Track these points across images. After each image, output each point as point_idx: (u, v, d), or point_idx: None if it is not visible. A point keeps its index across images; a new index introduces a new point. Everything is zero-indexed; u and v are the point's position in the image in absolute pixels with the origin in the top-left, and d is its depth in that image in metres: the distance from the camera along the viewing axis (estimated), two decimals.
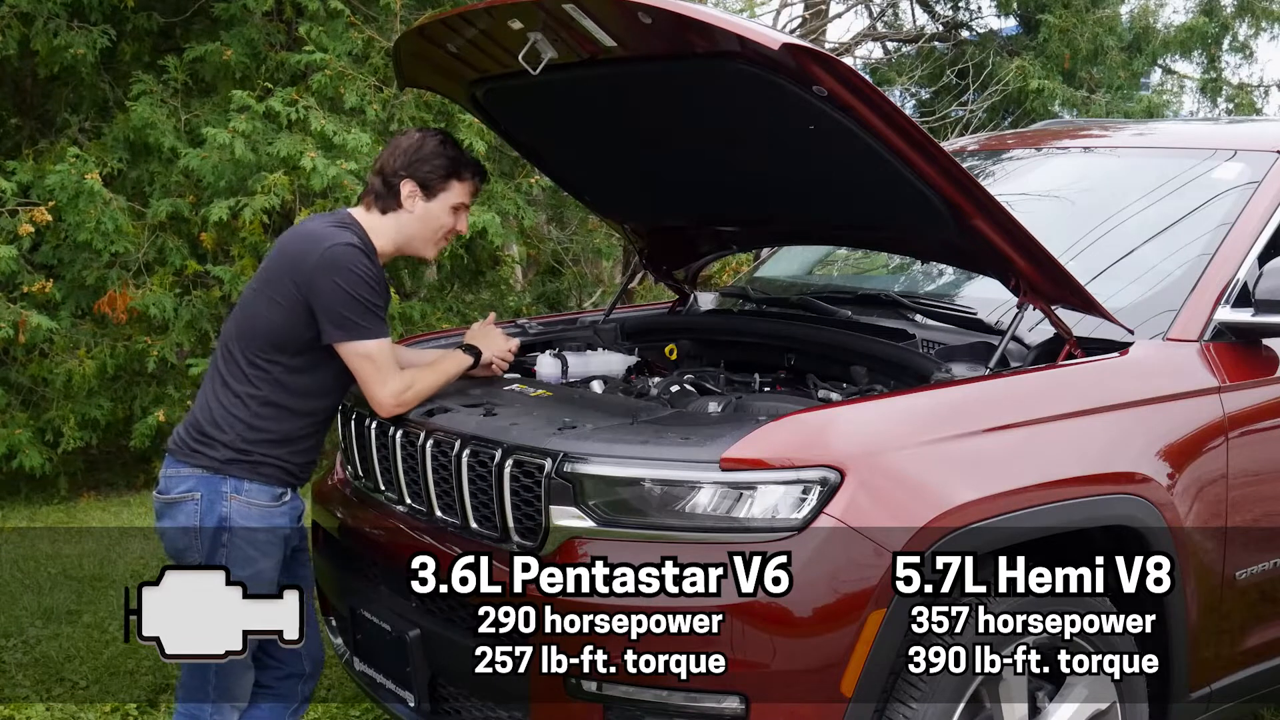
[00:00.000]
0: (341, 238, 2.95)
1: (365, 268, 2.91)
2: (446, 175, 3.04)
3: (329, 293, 2.87)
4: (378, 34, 7.10)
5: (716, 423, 2.78)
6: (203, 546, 2.94)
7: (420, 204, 3.03)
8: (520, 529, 2.71)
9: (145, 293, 6.53)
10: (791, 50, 2.56)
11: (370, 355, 2.91)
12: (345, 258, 2.90)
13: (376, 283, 2.93)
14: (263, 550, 2.95)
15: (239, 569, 2.89)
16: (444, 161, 3.03)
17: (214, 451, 2.93)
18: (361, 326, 2.88)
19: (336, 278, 2.87)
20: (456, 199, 3.07)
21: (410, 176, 3.01)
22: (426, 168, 3.01)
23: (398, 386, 2.95)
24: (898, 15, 13.16)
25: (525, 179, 7.80)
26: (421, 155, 3.01)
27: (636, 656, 2.47)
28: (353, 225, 3.02)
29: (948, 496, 2.56)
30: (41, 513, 6.62)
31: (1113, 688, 2.85)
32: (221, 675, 2.94)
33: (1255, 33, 12.15)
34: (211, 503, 2.93)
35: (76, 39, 6.72)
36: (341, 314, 2.87)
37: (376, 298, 2.92)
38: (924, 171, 2.80)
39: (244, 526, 2.93)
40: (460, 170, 3.05)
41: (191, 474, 2.96)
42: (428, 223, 3.05)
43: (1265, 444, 3.15)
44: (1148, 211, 3.57)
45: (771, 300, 4.05)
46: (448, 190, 3.05)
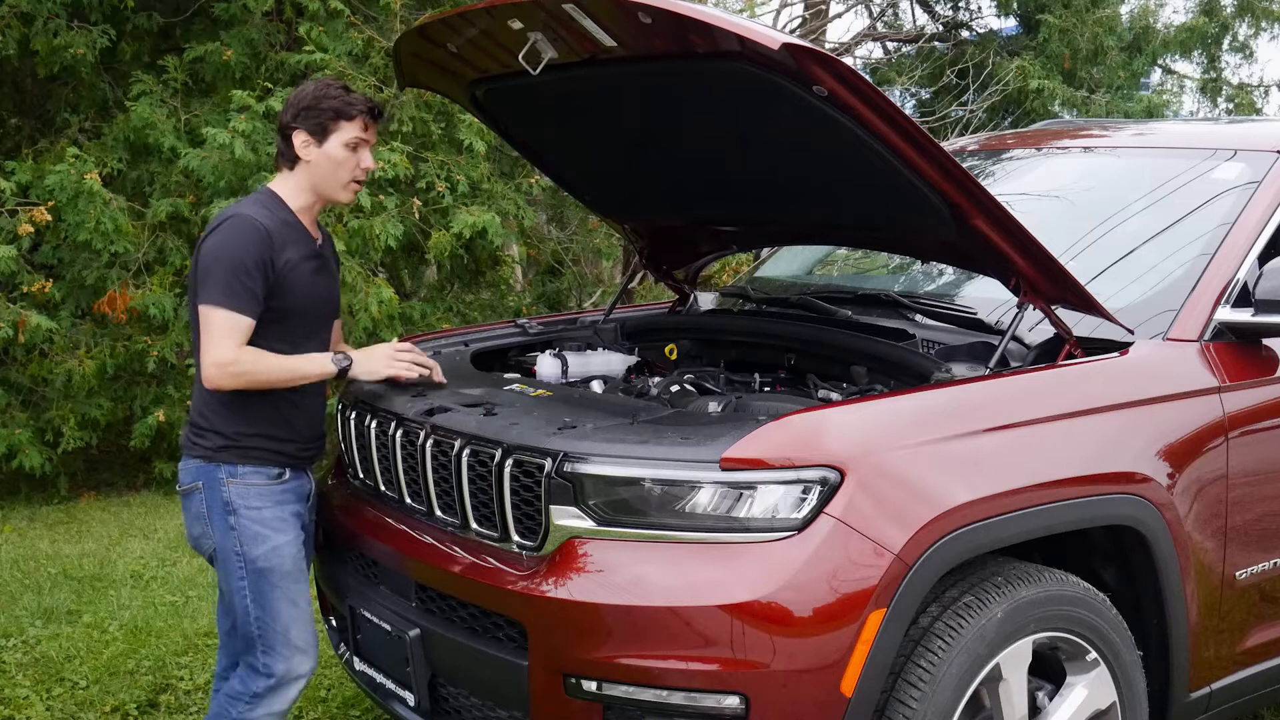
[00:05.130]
0: (233, 210, 3.02)
1: (243, 242, 2.91)
2: (334, 116, 3.03)
3: (204, 254, 2.94)
4: (378, 34, 7.10)
5: (716, 422, 2.78)
6: (214, 533, 3.02)
7: (315, 150, 3.05)
8: (520, 529, 2.71)
9: (145, 293, 6.52)
10: (792, 50, 2.56)
11: (207, 318, 2.91)
12: (229, 226, 2.95)
13: (252, 258, 2.90)
14: (274, 527, 3.01)
15: (253, 547, 2.99)
16: (328, 105, 3.03)
17: (205, 441, 3.02)
18: (211, 290, 2.89)
19: (208, 242, 2.95)
20: (348, 136, 3.05)
21: (299, 126, 3.04)
22: (311, 114, 3.03)
23: (223, 356, 2.89)
24: (898, 15, 13.17)
25: (525, 179, 7.80)
26: (304, 103, 3.04)
27: (637, 656, 2.48)
28: (261, 197, 3.07)
29: (948, 496, 2.56)
30: (41, 513, 6.62)
31: (1113, 688, 2.86)
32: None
33: (1255, 33, 12.16)
34: (212, 490, 3.01)
35: (76, 39, 6.72)
36: (202, 274, 2.92)
37: (243, 272, 2.89)
38: (924, 171, 2.80)
39: (248, 506, 2.99)
40: (345, 109, 3.04)
41: (192, 465, 3.05)
42: (329, 166, 3.05)
43: (1265, 444, 3.15)
44: (1148, 211, 3.57)
45: (771, 300, 4.05)
46: (337, 130, 3.04)
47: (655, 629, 2.47)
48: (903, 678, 2.57)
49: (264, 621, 3.00)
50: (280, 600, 3.01)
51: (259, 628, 3.01)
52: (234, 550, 2.99)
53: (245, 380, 2.93)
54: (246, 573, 2.99)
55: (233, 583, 3.02)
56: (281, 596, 3.01)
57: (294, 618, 3.03)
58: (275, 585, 3.00)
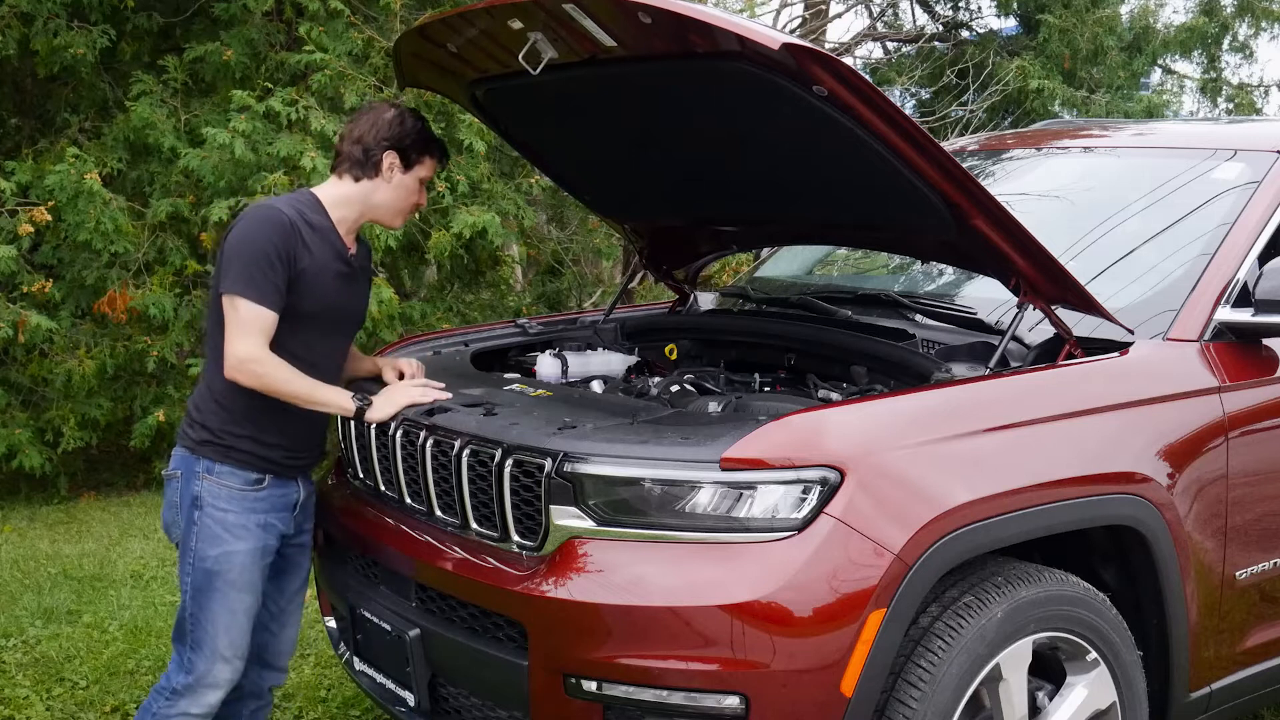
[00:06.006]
0: (264, 202, 3.05)
1: (268, 231, 2.92)
2: (423, 150, 3.14)
3: (229, 242, 2.94)
4: (378, 34, 7.10)
5: (716, 422, 2.78)
6: (181, 522, 3.02)
7: (398, 175, 3.12)
8: (520, 529, 2.71)
9: (145, 293, 6.52)
10: (792, 50, 2.56)
11: (232, 308, 2.90)
12: (255, 214, 2.97)
13: (275, 249, 2.90)
14: (233, 533, 2.98)
15: (207, 547, 2.97)
16: (422, 137, 3.14)
17: (193, 432, 3.03)
18: (235, 280, 2.89)
19: (234, 231, 2.95)
20: (426, 173, 3.17)
21: (393, 148, 3.09)
22: (408, 141, 3.10)
23: (247, 352, 2.88)
24: (898, 15, 13.17)
25: (525, 179, 7.80)
26: (404, 130, 3.10)
27: (637, 656, 2.48)
28: (300, 196, 3.08)
29: (948, 496, 2.56)
30: (41, 513, 6.62)
31: (1113, 688, 2.86)
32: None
33: (1255, 33, 12.16)
34: (188, 480, 3.01)
35: (76, 39, 6.72)
36: (226, 262, 2.92)
37: (266, 264, 2.89)
38: (924, 171, 2.80)
39: (214, 506, 2.98)
40: (433, 147, 3.17)
41: (179, 452, 3.06)
42: (401, 193, 3.14)
43: (1265, 444, 3.15)
44: (1148, 211, 3.57)
45: (771, 300, 4.05)
46: (422, 164, 3.15)
47: (655, 629, 2.47)
48: (903, 678, 2.57)
49: (197, 619, 2.99)
50: (218, 605, 2.98)
51: (191, 624, 3.00)
52: (189, 544, 2.99)
53: (262, 383, 2.91)
54: (194, 569, 2.98)
55: (181, 572, 3.02)
56: (220, 601, 2.98)
57: (226, 625, 2.99)
58: (217, 590, 2.97)
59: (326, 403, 3.01)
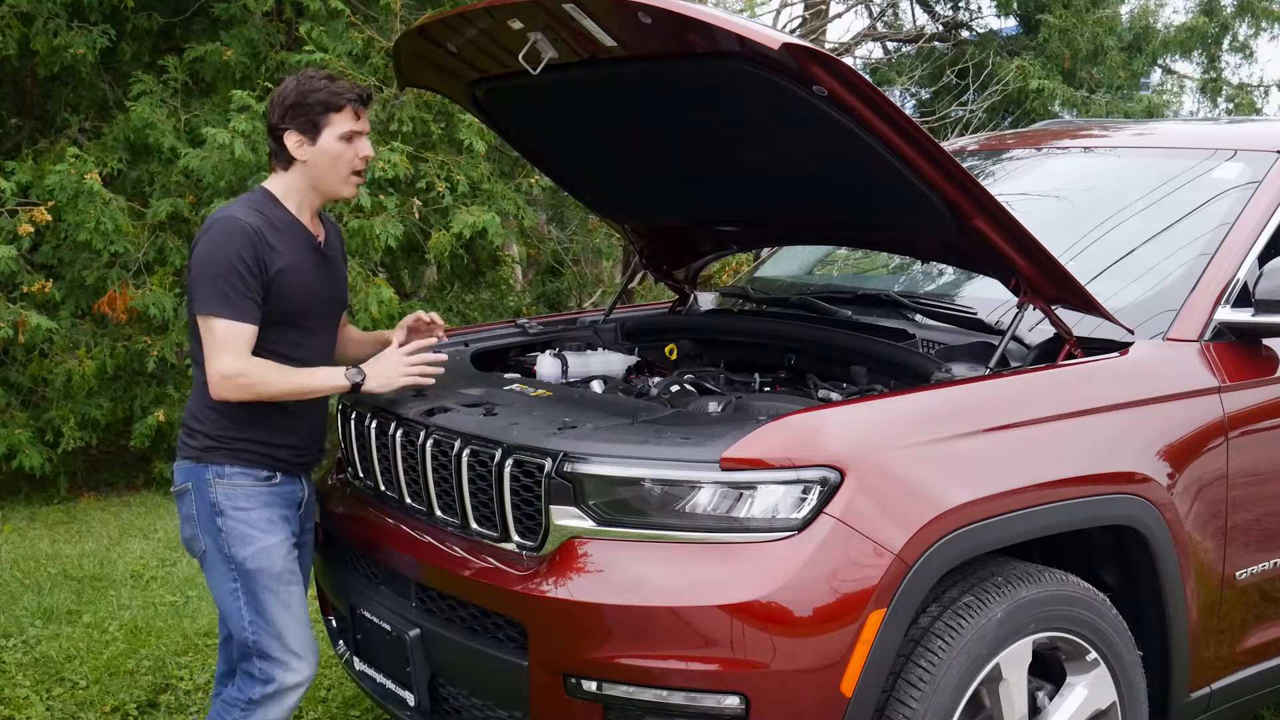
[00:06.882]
0: (221, 213, 2.95)
1: (233, 243, 2.83)
2: (323, 110, 2.94)
3: (194, 260, 2.88)
4: (378, 34, 7.10)
5: (716, 423, 2.78)
6: (203, 535, 2.98)
7: (309, 149, 2.96)
8: (520, 529, 2.71)
9: (145, 293, 6.52)
10: (791, 50, 2.56)
11: (207, 329, 2.86)
12: (216, 228, 2.89)
13: (242, 261, 2.83)
14: (261, 529, 2.96)
15: (240, 548, 2.94)
16: (315, 99, 2.93)
17: (195, 441, 2.99)
18: (206, 300, 2.84)
19: (197, 248, 2.89)
20: (342, 129, 2.96)
21: (289, 126, 2.95)
22: (299, 110, 2.93)
23: (229, 368, 2.83)
24: (898, 15, 13.17)
25: (525, 179, 7.80)
26: (289, 100, 2.94)
27: (637, 656, 2.48)
28: (254, 197, 3.00)
29: (948, 496, 2.56)
30: (41, 513, 6.62)
31: (1113, 688, 2.86)
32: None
33: (1255, 33, 12.16)
34: (200, 491, 2.97)
35: (76, 39, 6.72)
36: (194, 282, 2.87)
37: (235, 277, 2.82)
38: (924, 171, 2.80)
39: (234, 507, 2.95)
40: (333, 100, 2.94)
41: (182, 466, 3.02)
42: (328, 162, 2.97)
43: (1265, 444, 3.15)
44: (1148, 211, 3.57)
45: (771, 300, 4.05)
46: (329, 124, 2.94)
47: (655, 629, 2.47)
48: (903, 678, 2.56)
49: (258, 625, 2.94)
50: (273, 603, 2.94)
51: (254, 632, 2.94)
52: (222, 552, 2.94)
53: (253, 393, 2.88)
54: (237, 575, 2.94)
55: (224, 585, 2.96)
56: (274, 599, 2.94)
57: (288, 622, 2.96)
58: (266, 587, 2.94)
59: (321, 387, 2.98)
